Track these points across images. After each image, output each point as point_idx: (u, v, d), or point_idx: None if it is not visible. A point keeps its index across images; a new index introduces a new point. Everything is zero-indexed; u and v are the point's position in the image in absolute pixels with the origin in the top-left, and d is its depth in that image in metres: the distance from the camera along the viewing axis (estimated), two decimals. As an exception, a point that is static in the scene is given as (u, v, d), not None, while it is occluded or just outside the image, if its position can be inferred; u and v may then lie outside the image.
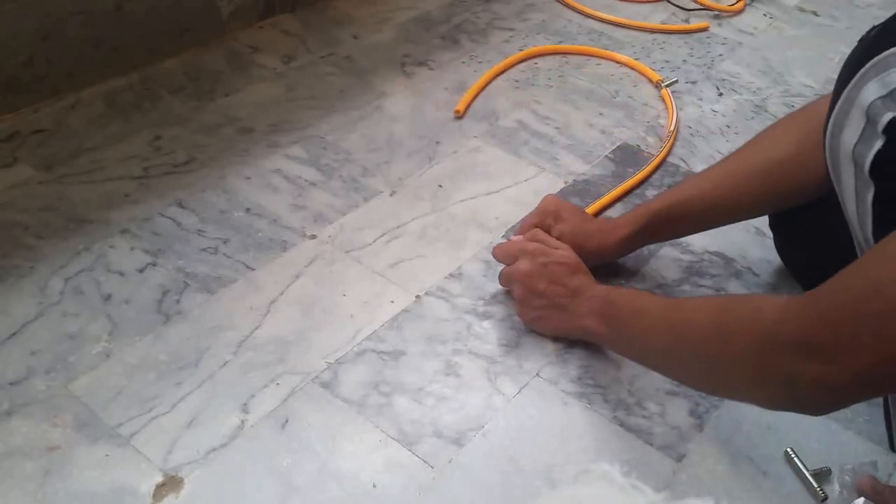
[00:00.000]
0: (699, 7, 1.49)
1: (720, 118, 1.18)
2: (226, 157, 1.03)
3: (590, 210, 0.96)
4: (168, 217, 0.93)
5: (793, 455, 0.69)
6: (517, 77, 1.25)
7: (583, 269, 0.78)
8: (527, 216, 0.88)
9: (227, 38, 1.29)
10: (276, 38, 1.31)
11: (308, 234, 0.92)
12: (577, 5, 1.45)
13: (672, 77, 1.25)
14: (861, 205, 0.55)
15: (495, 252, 0.84)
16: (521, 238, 0.82)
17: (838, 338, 0.49)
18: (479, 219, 0.96)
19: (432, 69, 1.25)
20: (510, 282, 0.80)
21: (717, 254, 0.92)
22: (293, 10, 1.38)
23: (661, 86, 1.22)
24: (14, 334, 0.78)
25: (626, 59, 1.30)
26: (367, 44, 1.31)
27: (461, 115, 1.14)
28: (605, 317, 0.72)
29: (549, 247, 0.80)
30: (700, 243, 0.93)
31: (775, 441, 0.71)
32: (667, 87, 1.21)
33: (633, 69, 1.28)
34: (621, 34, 1.39)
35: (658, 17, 1.45)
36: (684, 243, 0.93)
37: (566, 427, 0.72)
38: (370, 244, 0.91)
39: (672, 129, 1.12)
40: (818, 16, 1.51)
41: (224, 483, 0.66)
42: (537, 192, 0.97)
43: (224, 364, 0.76)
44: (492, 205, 0.98)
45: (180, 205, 0.95)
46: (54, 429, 0.69)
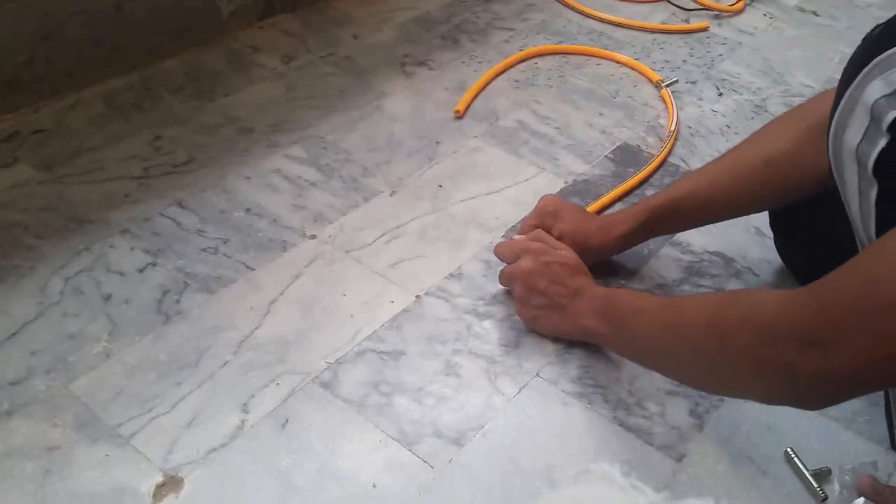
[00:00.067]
0: (699, 7, 1.49)
1: (720, 118, 1.18)
2: (226, 157, 1.03)
3: (590, 210, 0.96)
4: (168, 217, 0.93)
5: (793, 455, 0.69)
6: (517, 77, 1.25)
7: (584, 271, 0.78)
8: (526, 217, 0.88)
9: (227, 38, 1.29)
10: (276, 38, 1.31)
11: (308, 234, 0.92)
12: (577, 5, 1.45)
13: (672, 77, 1.25)
14: (864, 204, 0.55)
15: (497, 250, 0.84)
16: (524, 237, 0.82)
17: (837, 332, 0.49)
18: (479, 219, 0.96)
19: (432, 69, 1.25)
20: (511, 280, 0.80)
21: (717, 254, 0.92)
22: (293, 10, 1.38)
23: (661, 86, 1.22)
24: (14, 334, 0.78)
25: (626, 59, 1.30)
26: (367, 44, 1.31)
27: (461, 115, 1.14)
28: (606, 317, 0.72)
29: (550, 247, 0.80)
30: (700, 243, 0.93)
31: (775, 441, 0.71)
32: (667, 87, 1.21)
33: (633, 69, 1.28)
34: (621, 34, 1.39)
35: (658, 17, 1.45)
36: (684, 243, 0.93)
37: (566, 427, 0.72)
38: (370, 244, 0.91)
39: (672, 129, 1.12)
40: (818, 16, 1.51)
41: (224, 483, 0.66)
42: (537, 192, 0.97)
43: (224, 364, 0.76)
44: (492, 205, 0.98)
45: (180, 205, 0.95)
46: (54, 429, 0.69)
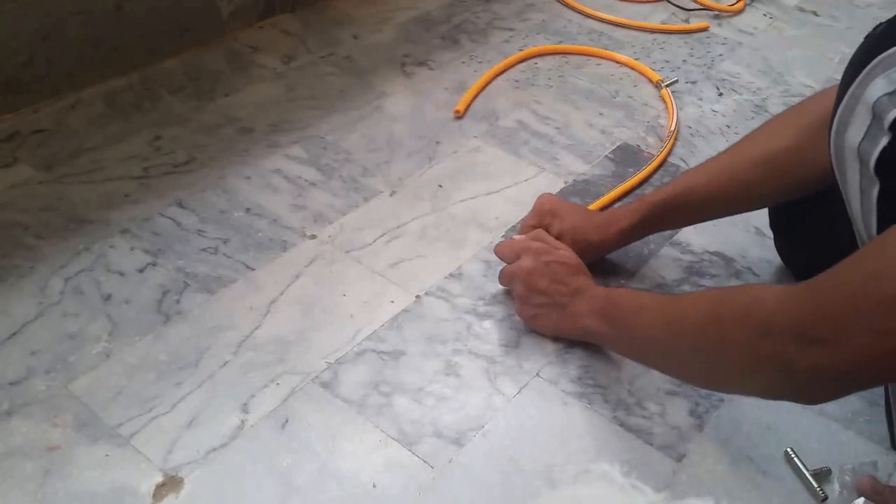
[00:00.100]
0: (699, 7, 1.49)
1: (720, 118, 1.18)
2: (226, 157, 1.03)
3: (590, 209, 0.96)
4: (168, 217, 0.93)
5: (793, 455, 0.69)
6: (517, 77, 1.25)
7: (584, 271, 0.78)
8: (525, 217, 0.88)
9: (227, 38, 1.29)
10: (276, 38, 1.31)
11: (308, 234, 0.92)
12: (577, 5, 1.45)
13: (672, 77, 1.25)
14: (866, 202, 0.56)
15: (497, 250, 0.84)
16: (524, 237, 0.82)
17: (837, 328, 0.49)
18: (479, 219, 0.96)
19: (432, 69, 1.25)
20: (512, 279, 0.80)
21: (717, 254, 0.92)
22: (293, 10, 1.38)
23: (661, 86, 1.22)
24: (14, 334, 0.78)
25: (626, 59, 1.30)
26: (367, 44, 1.31)
27: (461, 115, 1.14)
28: (606, 316, 0.72)
29: (551, 246, 0.80)
30: (700, 243, 0.93)
31: (775, 441, 0.71)
32: (667, 87, 1.21)
33: (633, 69, 1.28)
34: (621, 34, 1.39)
35: (658, 17, 1.45)
36: (684, 243, 0.93)
37: (566, 427, 0.72)
38: (370, 244, 0.91)
39: (672, 129, 1.12)
40: (818, 16, 1.51)
41: (224, 483, 0.66)
42: (537, 192, 0.97)
43: (224, 364, 0.76)
44: (492, 205, 0.98)
45: (180, 205, 0.95)
46: (54, 429, 0.69)
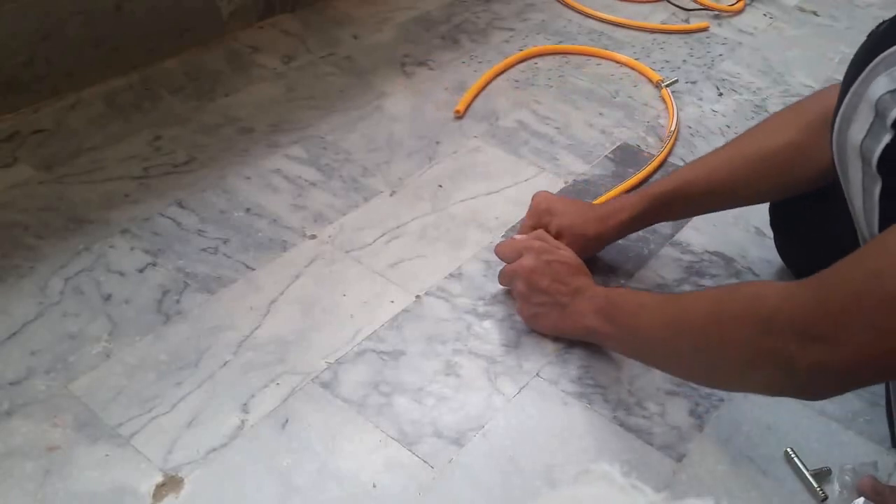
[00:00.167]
0: (699, 7, 1.49)
1: (720, 118, 1.18)
2: (226, 157, 1.03)
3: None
4: (168, 217, 0.93)
5: (793, 455, 0.69)
6: (517, 77, 1.25)
7: (585, 271, 0.78)
8: (524, 218, 0.88)
9: (227, 38, 1.29)
10: (276, 38, 1.31)
11: (308, 234, 0.92)
12: (577, 5, 1.45)
13: (672, 77, 1.25)
14: (868, 200, 0.56)
15: (498, 250, 0.84)
16: (524, 237, 0.82)
17: (838, 326, 0.49)
18: (479, 219, 0.96)
19: (432, 69, 1.25)
20: (513, 278, 0.80)
21: (717, 254, 0.92)
22: (293, 10, 1.38)
23: (661, 86, 1.22)
24: (14, 334, 0.78)
25: (626, 59, 1.30)
26: (367, 44, 1.31)
27: (461, 115, 1.14)
28: (607, 315, 0.72)
29: (552, 246, 0.80)
30: (700, 243, 0.93)
31: (775, 441, 0.71)
32: (667, 87, 1.21)
33: (633, 69, 1.28)
34: (621, 34, 1.39)
35: (658, 17, 1.45)
36: (684, 243, 0.93)
37: (566, 427, 0.72)
38: (370, 244, 0.91)
39: (672, 129, 1.12)
40: (818, 16, 1.51)
41: (224, 483, 0.66)
42: (536, 191, 0.97)
43: (224, 364, 0.76)
44: (492, 205, 0.98)
45: (180, 205, 0.95)
46: (54, 429, 0.69)
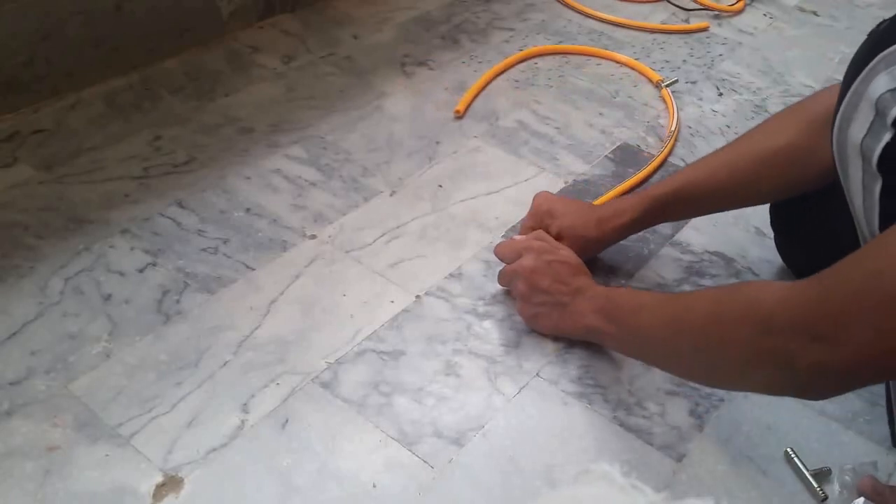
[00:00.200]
0: (699, 7, 1.49)
1: (720, 118, 1.18)
2: (226, 157, 1.03)
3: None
4: (168, 217, 0.93)
5: (793, 455, 0.69)
6: (517, 77, 1.25)
7: (585, 272, 0.78)
8: (524, 218, 0.88)
9: (227, 38, 1.29)
10: (276, 38, 1.31)
11: (308, 234, 0.92)
12: (577, 5, 1.45)
13: (672, 77, 1.25)
14: (868, 199, 0.56)
15: (497, 250, 0.84)
16: (525, 238, 0.82)
17: (838, 326, 0.49)
18: (479, 219, 0.96)
19: (432, 69, 1.25)
20: (513, 277, 0.80)
21: (717, 254, 0.92)
22: (293, 10, 1.38)
23: (661, 86, 1.22)
24: (14, 334, 0.78)
25: (626, 59, 1.30)
26: (367, 44, 1.31)
27: (461, 115, 1.14)
28: (608, 315, 0.72)
29: (553, 246, 0.80)
30: (700, 243, 0.93)
31: (775, 441, 0.71)
32: (667, 87, 1.21)
33: (633, 69, 1.28)
34: (621, 34, 1.39)
35: (658, 17, 1.45)
36: (684, 243, 0.93)
37: (566, 427, 0.72)
38: (370, 244, 0.91)
39: (673, 129, 1.12)
40: (818, 16, 1.51)
41: (224, 483, 0.66)
42: (537, 191, 0.97)
43: (224, 364, 0.76)
44: (492, 205, 0.98)
45: (180, 205, 0.95)
46: (54, 429, 0.69)
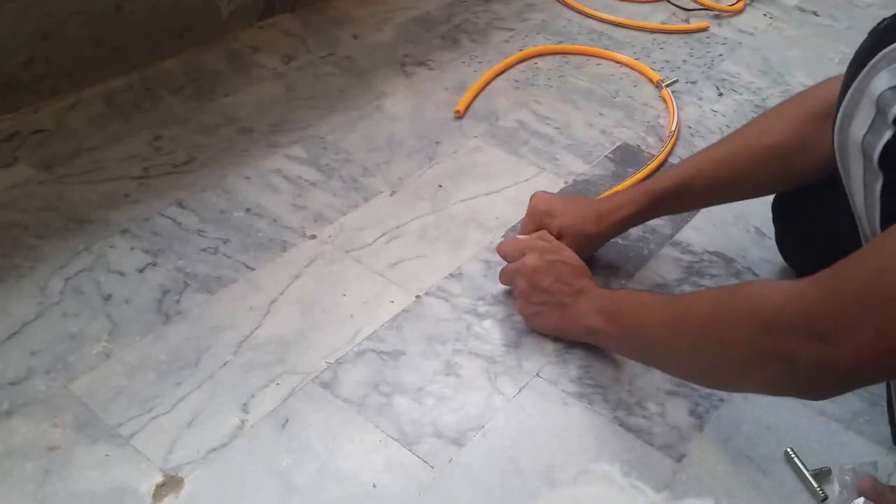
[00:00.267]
0: (699, 7, 1.49)
1: (720, 118, 1.18)
2: (226, 157, 1.03)
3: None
4: (168, 217, 0.93)
5: (793, 455, 0.69)
6: (517, 77, 1.25)
7: (587, 273, 0.78)
8: (524, 219, 0.88)
9: (227, 38, 1.29)
10: (276, 38, 1.31)
11: (308, 234, 0.92)
12: (577, 5, 1.45)
13: (672, 77, 1.25)
14: (869, 196, 0.56)
15: (500, 249, 0.84)
16: (527, 237, 0.82)
17: (839, 326, 0.49)
18: (479, 219, 0.96)
19: (432, 69, 1.25)
20: (515, 276, 0.80)
21: (717, 254, 0.92)
22: (293, 10, 1.38)
23: (662, 86, 1.22)
24: (14, 334, 0.78)
25: (626, 59, 1.30)
26: (367, 44, 1.31)
27: (461, 115, 1.14)
28: (609, 316, 0.72)
29: (555, 247, 0.80)
30: (700, 243, 0.93)
31: (775, 441, 0.71)
32: (667, 87, 1.21)
33: (633, 69, 1.28)
34: (621, 34, 1.39)
35: (658, 17, 1.45)
36: (684, 243, 0.93)
37: (566, 427, 0.72)
38: (370, 244, 0.91)
39: (673, 129, 1.12)
40: (818, 16, 1.51)
41: (224, 483, 0.66)
42: (534, 192, 0.97)
43: (224, 364, 0.76)
44: (492, 205, 0.98)
45: (180, 205, 0.95)
46: (54, 429, 0.69)
